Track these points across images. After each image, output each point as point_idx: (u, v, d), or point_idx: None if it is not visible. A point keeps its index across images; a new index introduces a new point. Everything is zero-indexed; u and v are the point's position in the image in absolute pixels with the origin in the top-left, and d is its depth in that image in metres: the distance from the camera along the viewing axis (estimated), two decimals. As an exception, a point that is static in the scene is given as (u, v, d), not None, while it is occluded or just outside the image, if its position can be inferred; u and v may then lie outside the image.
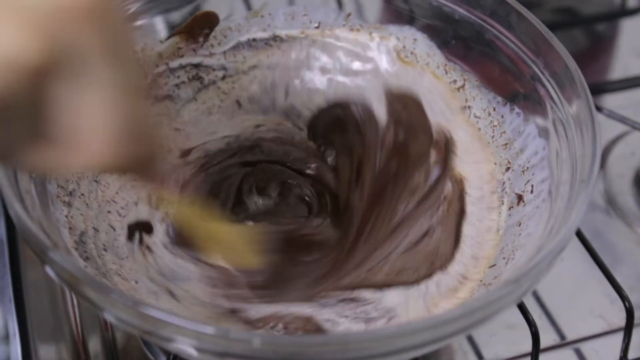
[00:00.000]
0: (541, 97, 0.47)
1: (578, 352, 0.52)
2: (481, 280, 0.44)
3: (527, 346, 0.46)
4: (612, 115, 0.61)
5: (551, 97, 0.46)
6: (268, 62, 0.56)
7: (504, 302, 0.37)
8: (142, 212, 0.48)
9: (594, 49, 0.75)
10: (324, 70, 0.56)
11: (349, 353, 0.34)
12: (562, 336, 0.53)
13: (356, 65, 0.55)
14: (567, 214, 0.40)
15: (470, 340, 0.52)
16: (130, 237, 0.47)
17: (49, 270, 0.37)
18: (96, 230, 0.46)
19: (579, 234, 0.51)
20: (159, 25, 0.55)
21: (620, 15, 0.76)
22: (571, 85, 0.44)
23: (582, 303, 0.55)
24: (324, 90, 0.56)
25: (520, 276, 0.37)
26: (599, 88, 0.66)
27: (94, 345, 0.50)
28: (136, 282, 0.45)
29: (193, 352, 0.35)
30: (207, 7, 0.55)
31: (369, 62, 0.55)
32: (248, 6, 0.57)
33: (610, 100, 0.66)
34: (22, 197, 0.39)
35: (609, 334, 0.52)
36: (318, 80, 0.56)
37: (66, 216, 0.45)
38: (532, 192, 0.46)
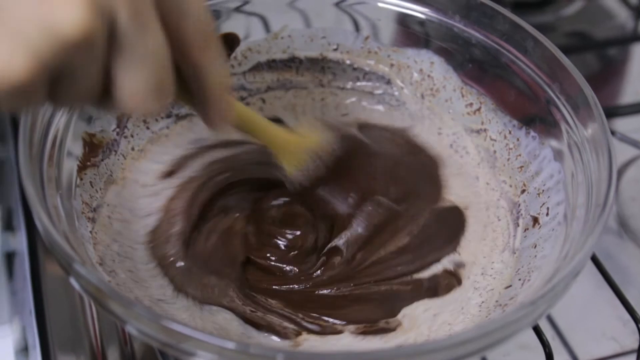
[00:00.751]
0: (556, 120, 0.48)
1: (590, 374, 0.53)
2: (497, 301, 0.45)
3: (540, 366, 0.47)
4: (624, 139, 0.62)
5: (566, 121, 0.47)
6: (287, 83, 0.57)
7: (520, 324, 0.38)
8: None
9: (606, 73, 0.76)
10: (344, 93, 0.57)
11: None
12: (574, 357, 0.53)
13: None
14: (583, 237, 0.40)
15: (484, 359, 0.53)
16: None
17: (73, 282, 0.38)
18: (120, 245, 0.47)
19: (593, 257, 0.52)
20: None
21: (631, 40, 0.78)
22: (586, 109, 0.45)
23: (594, 325, 0.55)
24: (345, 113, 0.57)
25: (537, 299, 0.38)
26: (610, 112, 0.66)
27: (113, 357, 0.51)
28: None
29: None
30: (226, 28, 0.56)
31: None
32: (266, 28, 0.58)
33: (622, 124, 0.66)
34: (49, 211, 0.40)
35: (621, 355, 0.53)
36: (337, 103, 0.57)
37: (90, 232, 0.45)
38: (547, 214, 0.47)
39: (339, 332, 0.44)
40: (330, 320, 0.45)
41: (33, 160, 0.41)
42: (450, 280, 0.47)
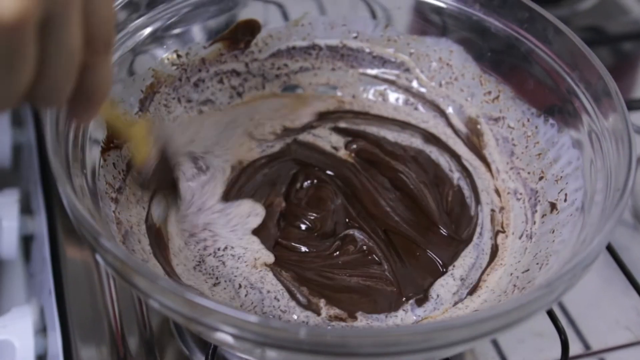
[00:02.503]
0: (576, 109, 0.48)
1: (604, 362, 0.53)
2: (515, 285, 0.45)
3: (554, 353, 0.47)
4: (639, 132, 0.62)
5: (586, 110, 0.47)
6: (307, 69, 0.57)
7: (536, 306, 0.38)
8: None
9: (620, 68, 0.76)
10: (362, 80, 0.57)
11: (389, 347, 0.36)
12: (587, 346, 0.54)
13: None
14: (602, 222, 0.41)
15: (496, 345, 0.53)
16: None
17: (99, 258, 0.39)
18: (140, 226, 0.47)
19: (608, 247, 0.52)
20: (197, 34, 0.56)
21: (646, 36, 0.78)
22: (607, 99, 0.45)
23: (608, 314, 0.55)
24: (368, 102, 0.57)
25: (554, 280, 0.38)
26: (625, 105, 0.66)
27: (132, 339, 0.51)
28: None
29: (234, 342, 0.37)
30: (243, 15, 0.56)
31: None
32: (285, 16, 0.58)
33: (636, 118, 0.66)
34: (75, 190, 0.40)
35: (635, 345, 0.53)
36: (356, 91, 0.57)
37: (114, 212, 0.46)
38: (565, 200, 0.47)
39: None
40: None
41: (60, 140, 0.42)
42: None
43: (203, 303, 0.35)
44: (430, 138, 0.56)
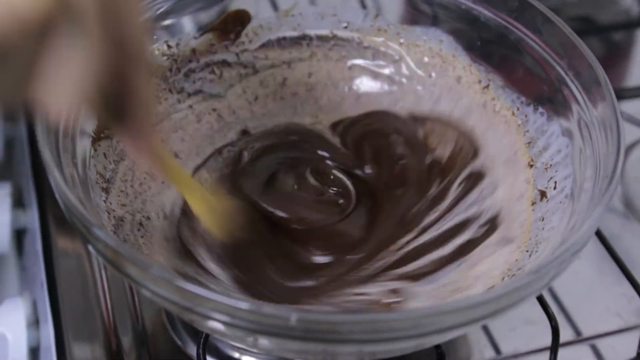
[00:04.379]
0: (566, 98, 0.48)
1: (594, 348, 0.53)
2: (509, 269, 0.46)
3: (546, 341, 0.47)
4: (630, 120, 0.63)
5: (576, 99, 0.48)
6: (297, 60, 0.58)
7: (526, 292, 0.38)
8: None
9: (611, 57, 0.76)
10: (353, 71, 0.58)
11: (380, 333, 0.36)
12: (578, 332, 0.54)
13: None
14: (590, 208, 0.41)
15: (488, 333, 0.53)
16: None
17: (90, 247, 0.39)
18: (132, 215, 0.47)
19: (599, 234, 0.53)
20: (187, 24, 0.56)
21: (636, 25, 0.78)
22: (597, 88, 0.45)
23: (598, 301, 0.56)
24: (355, 93, 0.57)
25: (543, 267, 0.38)
26: (616, 94, 0.67)
27: (125, 330, 0.51)
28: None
29: (225, 330, 0.37)
30: (234, 6, 0.56)
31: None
32: (274, 6, 0.58)
33: (627, 107, 0.67)
34: (66, 179, 0.40)
35: (625, 331, 0.54)
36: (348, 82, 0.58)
37: (104, 201, 0.46)
38: (555, 188, 0.47)
39: None
40: None
41: (50, 130, 0.42)
42: None
43: (194, 290, 0.35)
44: None
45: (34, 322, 0.53)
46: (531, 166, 0.50)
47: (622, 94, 0.67)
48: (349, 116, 0.56)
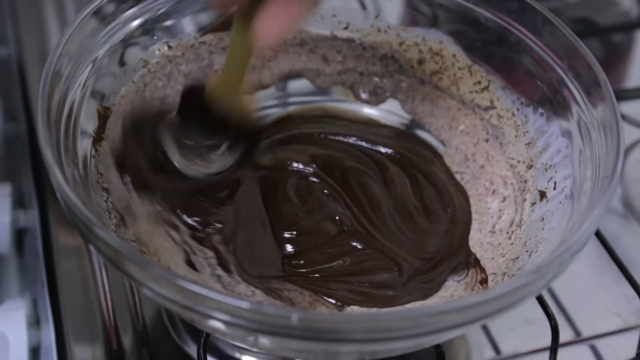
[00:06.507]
0: (566, 99, 0.48)
1: (594, 349, 0.54)
2: (505, 272, 0.46)
3: (545, 341, 0.48)
4: (630, 121, 0.63)
5: (576, 100, 0.48)
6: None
7: (525, 292, 0.38)
8: None
9: (610, 59, 0.76)
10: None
11: (380, 333, 0.36)
12: (577, 332, 0.54)
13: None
14: (590, 209, 0.41)
15: (488, 333, 0.54)
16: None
17: (92, 246, 0.39)
18: (133, 217, 0.47)
19: (598, 234, 0.53)
20: (188, 25, 0.57)
21: (636, 27, 0.78)
22: (596, 89, 0.46)
23: (598, 302, 0.56)
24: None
25: (543, 267, 0.38)
26: (615, 95, 0.67)
27: (125, 330, 0.51)
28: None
29: (226, 329, 0.37)
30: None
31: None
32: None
33: (626, 108, 0.67)
34: (67, 179, 0.40)
35: (624, 331, 0.54)
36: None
37: (105, 201, 0.46)
38: (554, 188, 0.48)
39: None
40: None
41: (51, 129, 0.42)
42: None
43: (195, 289, 0.35)
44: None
45: (35, 322, 0.53)
46: (530, 167, 0.51)
47: (622, 95, 0.68)
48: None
